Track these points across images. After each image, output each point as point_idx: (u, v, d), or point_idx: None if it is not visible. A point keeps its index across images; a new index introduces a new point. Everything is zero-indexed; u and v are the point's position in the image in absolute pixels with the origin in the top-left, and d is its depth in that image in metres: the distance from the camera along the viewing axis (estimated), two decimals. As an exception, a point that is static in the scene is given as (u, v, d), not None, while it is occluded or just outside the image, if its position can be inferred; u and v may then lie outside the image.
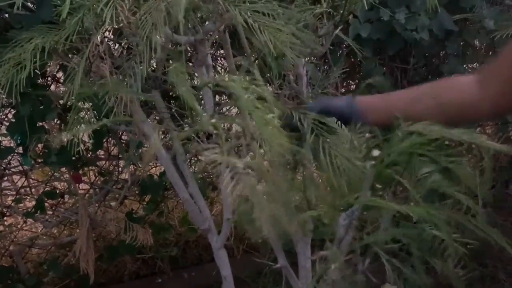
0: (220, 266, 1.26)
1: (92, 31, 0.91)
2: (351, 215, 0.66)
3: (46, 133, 1.35)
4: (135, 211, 1.82)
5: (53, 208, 1.75)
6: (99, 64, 0.97)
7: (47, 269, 1.75)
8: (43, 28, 0.98)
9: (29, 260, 1.87)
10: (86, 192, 1.76)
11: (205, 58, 0.97)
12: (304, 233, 1.14)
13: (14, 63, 0.89)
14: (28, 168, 1.59)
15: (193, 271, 2.14)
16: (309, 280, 1.17)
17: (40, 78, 1.34)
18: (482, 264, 2.17)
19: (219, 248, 1.24)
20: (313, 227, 1.05)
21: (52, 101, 1.32)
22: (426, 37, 1.57)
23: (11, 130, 1.33)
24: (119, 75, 0.99)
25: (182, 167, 1.23)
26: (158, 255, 2.04)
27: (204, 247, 2.19)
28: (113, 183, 1.73)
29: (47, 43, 0.84)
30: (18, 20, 1.15)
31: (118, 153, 1.73)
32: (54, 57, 0.96)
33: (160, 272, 2.10)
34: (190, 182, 1.22)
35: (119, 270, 2.08)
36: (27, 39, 0.88)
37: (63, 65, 1.29)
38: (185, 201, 1.22)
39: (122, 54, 1.27)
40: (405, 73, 1.80)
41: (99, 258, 1.78)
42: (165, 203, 1.93)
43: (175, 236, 2.12)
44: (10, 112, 1.48)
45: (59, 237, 1.89)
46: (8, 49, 0.90)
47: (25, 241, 1.78)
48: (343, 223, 0.68)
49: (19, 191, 1.69)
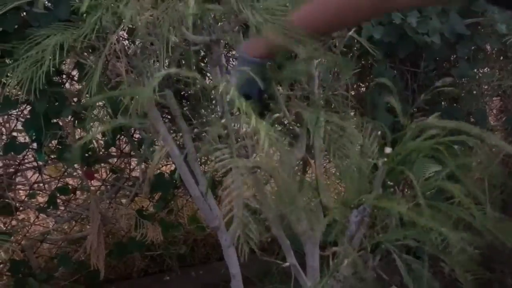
0: (229, 264, 1.27)
1: (109, 30, 0.93)
2: (362, 211, 0.68)
3: (61, 130, 1.37)
4: (145, 209, 1.83)
5: (65, 204, 1.77)
6: (115, 62, 0.99)
7: (57, 264, 1.77)
8: (61, 26, 1.00)
9: (40, 255, 1.89)
10: (98, 188, 1.78)
11: (219, 59, 0.99)
12: (314, 232, 1.15)
13: (33, 60, 0.91)
14: (42, 164, 1.61)
15: (201, 269, 2.16)
16: (317, 279, 1.18)
17: (56, 76, 1.36)
18: (490, 268, 2.16)
19: (229, 246, 1.25)
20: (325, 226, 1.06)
21: (67, 98, 1.34)
22: (437, 40, 1.57)
23: (27, 126, 1.35)
24: (134, 74, 1.01)
25: (193, 166, 1.25)
26: (166, 252, 2.06)
27: (212, 245, 2.20)
28: (124, 180, 1.76)
29: (66, 41, 0.86)
30: (35, 18, 1.18)
31: (130, 150, 1.75)
32: (72, 54, 0.98)
33: (168, 270, 2.12)
34: (200, 181, 1.24)
35: (128, 266, 2.10)
36: (45, 35, 0.90)
37: (79, 63, 1.32)
38: (196, 199, 1.23)
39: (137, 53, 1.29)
40: (416, 76, 1.81)
41: (108, 254, 1.80)
42: (174, 201, 1.95)
43: (183, 234, 2.14)
44: (26, 109, 1.51)
45: (70, 233, 1.91)
46: (25, 46, 0.92)
47: (37, 236, 1.80)
48: (355, 219, 0.69)
49: (32, 186, 1.71)
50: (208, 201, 1.24)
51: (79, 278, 1.88)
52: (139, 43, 1.28)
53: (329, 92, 1.46)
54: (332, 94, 1.48)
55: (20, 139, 1.46)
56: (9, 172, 1.63)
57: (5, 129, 1.61)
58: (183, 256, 2.11)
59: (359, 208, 0.72)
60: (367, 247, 0.73)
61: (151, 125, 1.11)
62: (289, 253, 1.17)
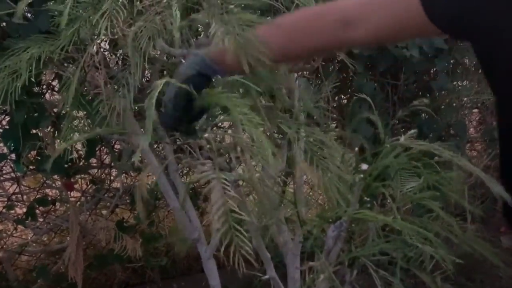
0: (209, 276, 1.27)
1: (88, 42, 0.93)
2: (339, 226, 0.68)
3: (40, 141, 1.36)
4: (126, 220, 1.82)
5: (44, 215, 1.75)
6: (94, 74, 0.99)
7: (36, 276, 1.75)
8: (40, 37, 1.00)
9: (18, 267, 1.86)
10: (78, 200, 1.76)
11: (198, 71, 0.99)
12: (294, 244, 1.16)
13: (10, 71, 0.91)
14: (20, 175, 1.59)
15: (183, 281, 2.14)
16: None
17: (35, 86, 1.35)
18: (470, 279, 2.18)
19: (208, 258, 1.25)
20: (302, 239, 1.06)
21: (46, 109, 1.33)
22: (416, 54, 1.60)
23: (5, 137, 1.34)
24: (113, 85, 1.00)
25: (173, 177, 1.25)
26: (148, 264, 2.04)
27: (193, 257, 2.19)
28: (104, 191, 1.74)
29: (43, 53, 0.86)
30: (15, 29, 1.17)
31: (110, 161, 1.74)
32: (50, 66, 0.98)
33: (150, 282, 2.10)
34: (180, 192, 1.24)
35: (109, 278, 2.07)
36: (23, 48, 0.89)
37: (59, 74, 1.31)
38: (176, 210, 1.23)
39: (117, 64, 1.29)
40: (396, 88, 1.83)
41: (88, 266, 1.78)
42: (156, 212, 1.94)
43: (165, 245, 2.13)
44: (4, 119, 1.49)
45: (49, 244, 1.88)
46: (5, 58, 0.91)
47: (15, 248, 1.78)
48: (332, 234, 0.69)
49: (10, 197, 1.69)
50: (188, 213, 1.24)
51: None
52: (119, 54, 1.29)
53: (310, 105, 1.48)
54: (314, 106, 1.50)
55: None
56: (-13, 183, 1.61)
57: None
58: (165, 268, 2.10)
59: (336, 223, 0.72)
60: (344, 261, 0.74)
61: (130, 136, 1.11)
62: (269, 266, 1.17)
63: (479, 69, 2.01)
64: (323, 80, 1.61)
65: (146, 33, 0.80)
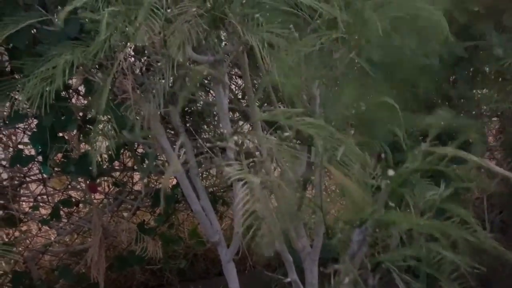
0: (228, 279, 1.29)
1: (117, 49, 0.96)
2: (364, 231, 0.70)
3: (66, 143, 1.40)
4: (146, 222, 1.86)
5: (67, 216, 1.79)
6: (122, 80, 1.03)
7: (58, 276, 1.79)
8: (69, 44, 1.03)
9: (41, 267, 1.91)
10: (100, 202, 1.81)
11: (223, 77, 1.02)
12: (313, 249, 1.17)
13: (43, 77, 0.94)
14: (47, 177, 1.64)
15: (200, 284, 2.17)
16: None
17: (63, 91, 1.40)
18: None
19: (228, 261, 1.27)
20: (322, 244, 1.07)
21: (73, 113, 1.37)
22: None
23: (33, 139, 1.38)
24: (140, 91, 1.04)
25: (194, 181, 1.27)
26: (166, 266, 2.07)
27: (211, 260, 2.21)
28: (126, 194, 1.78)
29: (76, 59, 0.90)
30: (46, 35, 1.22)
31: (132, 165, 1.78)
32: (80, 71, 1.02)
33: (168, 284, 2.13)
34: (202, 195, 1.26)
35: (128, 280, 2.11)
36: (58, 55, 0.93)
37: (85, 79, 1.35)
38: (197, 213, 1.26)
39: (142, 70, 1.32)
40: (415, 96, 1.84)
41: (109, 268, 1.81)
42: (175, 215, 1.97)
43: (184, 248, 2.16)
44: (33, 122, 1.54)
45: (71, 245, 1.93)
46: (39, 64, 0.95)
47: (39, 248, 1.82)
48: (357, 238, 0.71)
49: (36, 198, 1.74)
50: (209, 216, 1.27)
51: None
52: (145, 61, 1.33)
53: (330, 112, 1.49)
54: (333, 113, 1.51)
55: (26, 152, 1.49)
56: (14, 184, 1.66)
57: (11, 142, 1.64)
58: (183, 271, 2.12)
59: (361, 228, 0.74)
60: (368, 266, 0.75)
61: (155, 140, 1.14)
62: (291, 269, 1.18)
63: (499, 78, 2.01)
64: (342, 88, 1.62)
65: (174, 41, 0.83)
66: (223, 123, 1.11)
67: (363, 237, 0.69)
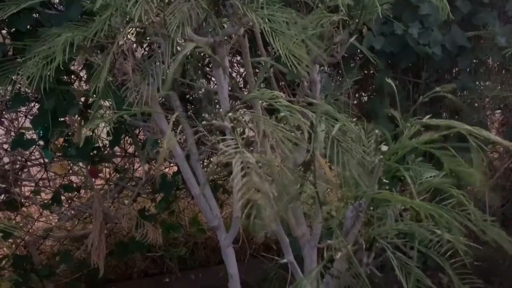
0: (227, 264, 1.30)
1: (118, 30, 0.96)
2: (358, 207, 0.70)
3: (67, 128, 1.40)
4: (147, 209, 1.86)
5: (69, 201, 1.80)
6: (122, 62, 1.03)
7: (59, 261, 1.80)
8: (71, 25, 1.04)
9: (42, 252, 1.92)
10: (101, 187, 1.81)
11: (223, 60, 1.02)
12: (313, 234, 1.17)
13: (44, 56, 0.94)
14: (48, 161, 1.64)
15: (200, 272, 2.18)
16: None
17: (65, 75, 1.40)
18: (489, 281, 2.16)
19: (227, 246, 1.28)
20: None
21: (74, 97, 1.38)
22: (438, 52, 1.60)
23: (35, 123, 1.39)
24: (140, 73, 1.04)
25: (195, 166, 1.28)
26: (167, 254, 2.08)
27: (212, 249, 2.22)
28: (127, 180, 1.79)
29: (76, 38, 0.90)
30: (47, 18, 1.22)
31: (134, 151, 1.79)
32: (81, 53, 1.02)
33: (168, 272, 2.14)
34: (202, 180, 1.27)
35: (128, 267, 2.12)
36: (56, 34, 0.93)
37: (86, 64, 1.36)
38: (197, 198, 1.26)
39: (143, 54, 1.33)
40: (417, 87, 1.83)
41: (109, 254, 1.82)
42: (176, 202, 1.98)
43: (184, 236, 2.17)
44: (34, 106, 1.55)
45: (72, 230, 1.94)
46: (38, 43, 0.95)
47: (40, 233, 1.83)
48: (351, 215, 0.71)
49: (37, 183, 1.75)
50: (209, 201, 1.27)
51: (80, 276, 1.90)
52: (146, 44, 1.33)
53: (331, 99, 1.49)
54: (334, 100, 1.51)
55: (27, 137, 1.50)
56: (16, 168, 1.67)
57: (13, 127, 1.65)
58: (183, 259, 2.13)
59: (355, 204, 0.74)
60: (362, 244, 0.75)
61: (155, 123, 1.14)
62: (288, 251, 1.19)
63: (502, 69, 2.00)
64: (344, 75, 1.62)
65: (174, 21, 0.83)
66: (223, 108, 1.12)
67: (357, 213, 0.69)
